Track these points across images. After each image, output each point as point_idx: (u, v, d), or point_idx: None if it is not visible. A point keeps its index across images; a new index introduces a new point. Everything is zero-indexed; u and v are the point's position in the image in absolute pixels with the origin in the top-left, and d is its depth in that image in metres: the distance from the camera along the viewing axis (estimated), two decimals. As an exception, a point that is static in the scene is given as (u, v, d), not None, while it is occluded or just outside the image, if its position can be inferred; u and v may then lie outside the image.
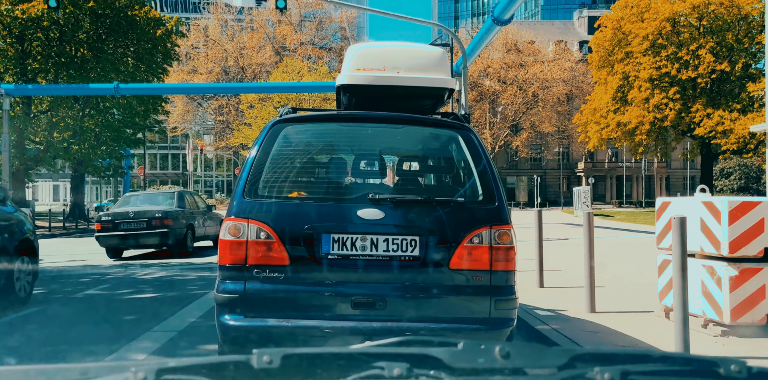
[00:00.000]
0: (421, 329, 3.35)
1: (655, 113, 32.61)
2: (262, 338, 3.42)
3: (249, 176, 3.53)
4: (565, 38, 69.58)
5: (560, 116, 61.86)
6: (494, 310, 3.42)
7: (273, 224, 3.42)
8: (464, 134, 3.73)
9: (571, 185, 71.75)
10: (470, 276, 3.44)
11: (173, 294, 7.95)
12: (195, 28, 62.96)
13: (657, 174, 70.03)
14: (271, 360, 0.98)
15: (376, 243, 3.41)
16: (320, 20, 62.36)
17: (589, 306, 5.66)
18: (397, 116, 3.95)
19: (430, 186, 4.47)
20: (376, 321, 3.36)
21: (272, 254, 3.40)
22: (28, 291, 7.19)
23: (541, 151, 66.48)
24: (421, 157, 4.47)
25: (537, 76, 59.16)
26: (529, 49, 62.15)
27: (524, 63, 59.91)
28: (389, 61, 4.41)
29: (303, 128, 3.93)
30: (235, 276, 3.42)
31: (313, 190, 3.77)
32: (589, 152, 70.07)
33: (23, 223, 7.27)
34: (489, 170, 3.61)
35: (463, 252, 3.43)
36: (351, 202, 3.54)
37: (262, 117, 46.29)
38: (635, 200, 66.52)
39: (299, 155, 3.93)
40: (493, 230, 3.45)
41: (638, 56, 33.73)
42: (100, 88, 20.72)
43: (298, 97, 48.17)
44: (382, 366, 0.98)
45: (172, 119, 61.80)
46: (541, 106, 59.78)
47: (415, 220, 3.48)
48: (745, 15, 32.08)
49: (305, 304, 3.43)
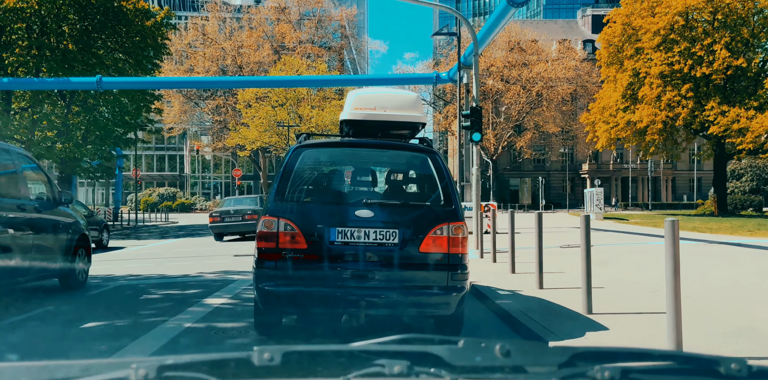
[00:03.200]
0: (399, 292, 4.73)
1: (667, 111, 31.27)
2: (287, 299, 4.73)
3: (278, 185, 4.92)
4: (568, 37, 68.28)
5: (565, 116, 60.51)
6: (450, 280, 4.80)
7: (296, 220, 4.77)
8: (431, 156, 5.22)
9: (575, 187, 70.50)
10: (434, 257, 4.81)
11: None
12: (192, 26, 61.75)
13: (663, 176, 68.73)
14: (272, 357, 1.00)
15: (368, 234, 4.77)
16: (320, 18, 61.10)
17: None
18: (384, 143, 5.69)
19: (407, 193, 5.82)
20: (367, 287, 4.74)
21: (295, 242, 4.74)
22: (85, 277, 8.63)
23: (545, 152, 65.08)
24: (401, 172, 5.95)
25: (541, 75, 57.86)
26: (533, 47, 60.87)
27: (528, 62, 58.60)
28: (378, 102, 5.95)
29: (317, 151, 5.43)
30: (270, 256, 4.73)
31: (323, 196, 5.26)
32: (593, 154, 68.75)
33: (80, 221, 8.72)
34: (449, 182, 5.07)
35: (429, 240, 4.80)
36: (350, 205, 4.93)
37: (259, 116, 44.99)
38: (641, 202, 65.13)
39: (314, 171, 5.36)
40: (451, 225, 4.82)
41: (649, 52, 32.43)
42: (81, 82, 19.44)
43: (297, 95, 46.91)
44: (383, 364, 0.99)
45: (168, 119, 60.58)
46: (545, 105, 58.45)
47: (395, 218, 4.87)
48: (761, 9, 30.78)
49: (318, 276, 4.78)
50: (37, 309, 6.90)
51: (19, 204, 7.04)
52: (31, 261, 7.17)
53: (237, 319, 6.12)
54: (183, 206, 59.22)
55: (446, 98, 64.80)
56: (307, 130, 46.37)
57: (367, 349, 1.05)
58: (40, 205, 7.63)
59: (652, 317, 5.54)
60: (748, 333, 4.97)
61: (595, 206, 25.41)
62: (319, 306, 4.90)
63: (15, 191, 7.14)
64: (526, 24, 71.68)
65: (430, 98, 66.80)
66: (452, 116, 61.32)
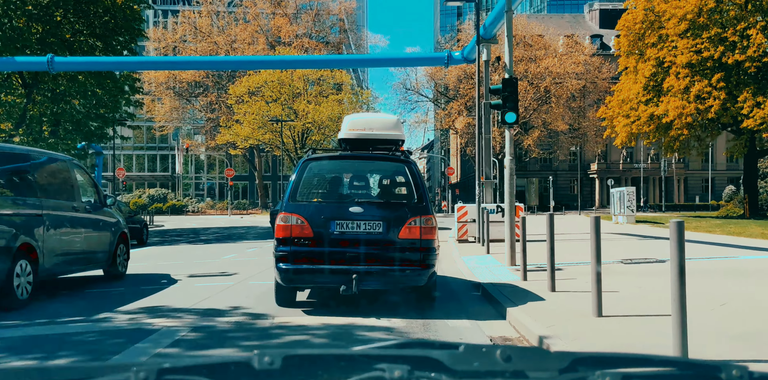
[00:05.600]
0: (384, 268, 6.37)
1: (697, 103, 28.50)
2: (299, 275, 6.42)
3: (291, 189, 6.71)
4: (576, 32, 65.51)
5: (574, 113, 57.74)
6: (422, 260, 6.43)
7: (305, 215, 6.45)
8: (407, 165, 7.04)
9: (583, 187, 67.68)
10: (410, 242, 6.45)
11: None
12: (184, 20, 59.02)
13: (675, 176, 65.92)
14: (272, 361, 1.00)
15: (359, 225, 6.44)
16: (317, 12, 58.40)
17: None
18: (373, 155, 7.56)
19: (390, 194, 7.33)
20: (360, 265, 6.32)
21: (304, 232, 6.40)
22: (125, 266, 10.15)
23: (553, 151, 62.28)
24: (385, 178, 7.60)
25: (549, 70, 55.11)
26: (539, 42, 58.15)
27: (534, 57, 55.86)
28: (367, 125, 7.96)
29: (320, 163, 7.43)
30: (286, 243, 6.42)
31: (326, 197, 7.03)
32: (602, 153, 66.01)
33: (121, 221, 10.17)
34: (421, 185, 6.83)
35: (406, 229, 6.43)
36: (346, 203, 6.70)
37: (252, 112, 42.24)
38: (653, 203, 62.32)
39: (318, 177, 7.19)
40: (422, 218, 6.48)
41: (674, 39, 29.68)
42: (29, 62, 16.66)
43: (292, 90, 44.24)
44: (383, 368, 1.00)
45: (159, 117, 57.85)
46: (553, 102, 55.68)
47: (380, 213, 6.56)
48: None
49: (321, 257, 6.39)
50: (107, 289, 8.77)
51: (73, 206, 8.56)
52: (83, 254, 8.74)
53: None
54: (174, 208, 56.33)
55: (449, 95, 62.13)
56: (303, 126, 43.63)
57: (367, 353, 1.05)
58: (90, 206, 9.12)
59: None
60: None
61: (626, 207, 22.50)
62: (322, 279, 6.50)
63: (69, 195, 8.62)
64: (532, 18, 69.00)
65: (433, 94, 64.18)
66: (456, 113, 58.68)
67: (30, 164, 7.91)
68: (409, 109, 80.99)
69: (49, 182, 8.32)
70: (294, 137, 44.45)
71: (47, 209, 7.75)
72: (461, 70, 57.58)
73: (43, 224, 7.64)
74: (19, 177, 7.77)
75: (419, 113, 62.89)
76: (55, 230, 7.88)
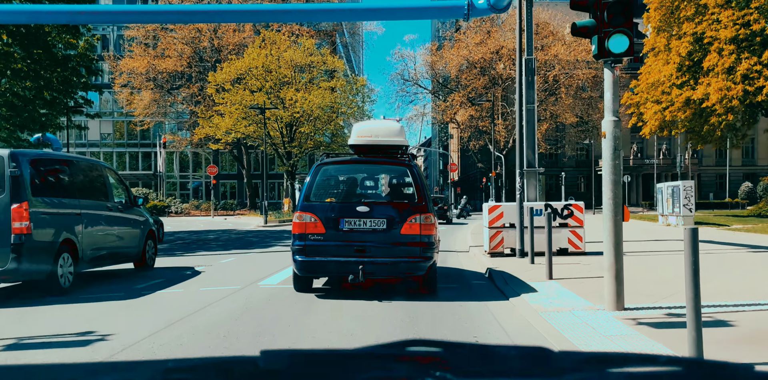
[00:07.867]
0: (387, 260, 7.57)
1: (745, 84, 24.51)
2: (314, 266, 7.67)
3: (306, 190, 7.91)
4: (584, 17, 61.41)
5: (584, 104, 53.73)
6: (422, 253, 7.59)
7: (319, 214, 7.68)
8: (410, 168, 8.10)
9: (591, 184, 63.72)
10: (410, 237, 7.55)
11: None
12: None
13: (690, 172, 62.04)
14: (278, 360, 1.01)
15: (365, 222, 7.62)
16: (308, -2, 54.21)
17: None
18: (379, 159, 8.78)
19: (394, 194, 8.25)
20: (366, 257, 7.51)
21: (317, 228, 7.61)
22: (154, 260, 11.52)
23: (562, 145, 58.30)
24: (391, 179, 8.40)
25: (558, 58, 51.15)
26: (546, 29, 54.22)
27: (541, 45, 51.87)
28: (373, 132, 9.01)
29: (333, 166, 8.45)
30: (301, 238, 7.66)
31: (336, 197, 8.01)
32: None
33: (149, 219, 11.42)
34: (422, 186, 7.87)
35: (407, 226, 7.55)
36: (354, 203, 7.81)
37: (234, 101, 38.05)
38: (667, 200, 58.38)
39: (331, 179, 8.27)
40: (422, 215, 7.60)
41: (715, 11, 25.70)
42: None
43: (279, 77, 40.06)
44: (388, 368, 1.00)
45: (139, 110, 53.63)
46: (563, 92, 51.70)
47: (384, 211, 7.71)
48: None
49: (333, 251, 7.62)
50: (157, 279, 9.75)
51: (107, 205, 9.87)
52: (117, 249, 10.00)
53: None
54: (156, 208, 52.07)
55: (450, 86, 58.17)
56: (290, 116, 39.45)
57: (372, 353, 1.05)
58: (121, 206, 10.36)
59: None
60: None
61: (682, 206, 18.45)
62: (333, 269, 7.80)
63: (103, 196, 9.91)
64: (537, 5, 65.09)
65: (432, 86, 60.18)
66: (457, 105, 54.87)
67: (69, 167, 8.95)
68: (408, 101, 77.08)
69: (85, 184, 9.36)
70: (281, 129, 40.19)
71: (85, 208, 8.93)
72: (463, 59, 53.70)
73: (82, 222, 8.78)
74: (60, 180, 8.70)
75: (418, 106, 58.90)
76: (92, 228, 9.02)
